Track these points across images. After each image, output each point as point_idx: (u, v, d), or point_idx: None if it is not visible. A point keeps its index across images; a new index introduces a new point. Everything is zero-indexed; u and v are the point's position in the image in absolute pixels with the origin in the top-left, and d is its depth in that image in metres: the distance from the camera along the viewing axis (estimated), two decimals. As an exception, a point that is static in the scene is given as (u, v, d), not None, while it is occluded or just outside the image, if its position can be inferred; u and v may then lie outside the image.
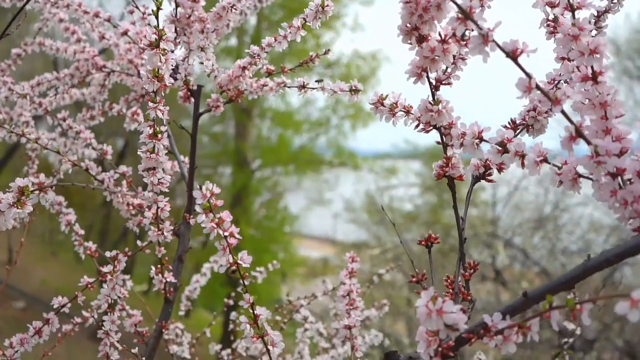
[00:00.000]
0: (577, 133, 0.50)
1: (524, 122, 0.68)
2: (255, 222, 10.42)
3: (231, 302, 1.43)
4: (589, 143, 0.50)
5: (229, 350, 1.36)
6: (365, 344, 1.21)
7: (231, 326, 1.35)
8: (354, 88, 0.81)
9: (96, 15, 1.06)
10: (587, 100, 0.54)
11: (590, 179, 0.52)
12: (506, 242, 5.47)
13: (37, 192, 0.64)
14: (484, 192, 7.90)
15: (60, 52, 1.20)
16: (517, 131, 0.67)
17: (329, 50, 0.98)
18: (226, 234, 0.60)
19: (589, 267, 0.49)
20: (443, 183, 0.64)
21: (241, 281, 0.63)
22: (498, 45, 0.49)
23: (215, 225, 0.60)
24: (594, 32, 0.72)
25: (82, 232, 1.08)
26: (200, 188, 0.59)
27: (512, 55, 0.49)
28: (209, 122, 11.09)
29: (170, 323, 1.32)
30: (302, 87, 0.92)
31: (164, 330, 0.96)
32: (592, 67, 0.52)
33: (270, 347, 0.63)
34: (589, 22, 0.70)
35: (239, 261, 0.61)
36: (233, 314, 1.28)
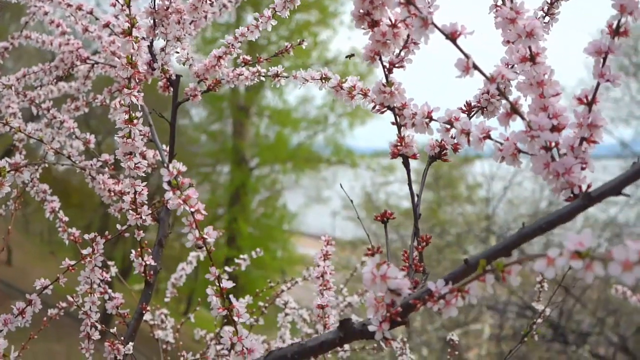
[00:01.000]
0: (513, 109, 0.54)
1: (478, 104, 0.71)
2: (254, 220, 10.46)
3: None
4: (523, 119, 0.53)
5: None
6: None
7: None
8: (324, 76, 0.84)
9: (79, 8, 1.09)
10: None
11: (528, 153, 0.56)
12: (499, 237, 5.50)
13: (12, 172, 0.67)
14: (481, 189, 7.95)
15: (45, 44, 1.23)
16: (472, 113, 0.71)
17: (303, 40, 1.02)
18: (193, 209, 0.63)
19: (523, 234, 0.52)
20: (442, 181, 0.67)
21: (209, 256, 0.66)
22: (437, 28, 0.52)
23: (182, 202, 0.63)
24: (547, 19, 0.75)
25: (66, 218, 1.11)
26: (168, 167, 0.62)
27: (452, 37, 0.53)
28: (207, 120, 11.13)
29: (156, 309, 1.36)
30: (276, 75, 0.95)
31: (144, 312, 0.99)
32: (529, 48, 0.56)
33: (235, 318, 0.66)
34: (542, 9, 0.74)
35: (204, 236, 0.65)
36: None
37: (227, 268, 1.36)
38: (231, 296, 0.67)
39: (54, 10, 1.25)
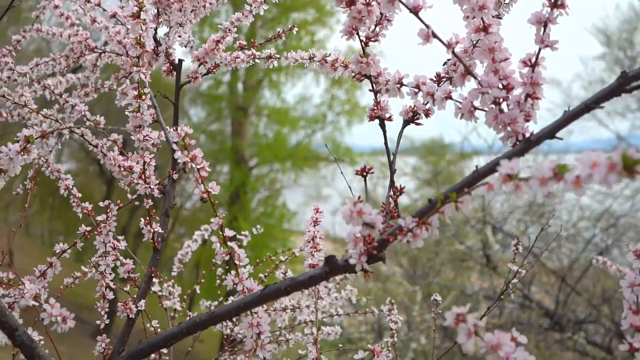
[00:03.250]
0: (467, 71, 0.64)
1: (447, 74, 0.81)
2: (254, 219, 10.54)
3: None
4: (475, 78, 0.63)
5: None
6: (333, 298, 1.35)
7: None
8: (311, 56, 0.94)
9: (88, 1, 1.19)
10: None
11: (483, 109, 0.66)
12: (494, 228, 5.60)
13: (40, 139, 0.77)
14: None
15: (56, 36, 1.33)
16: (441, 82, 0.81)
17: (294, 26, 1.11)
18: (199, 167, 0.73)
19: (477, 175, 0.62)
20: (440, 177, 0.76)
21: (212, 207, 0.76)
22: (402, 3, 0.62)
23: (189, 160, 0.73)
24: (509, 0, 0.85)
25: (79, 195, 1.21)
26: (176, 129, 0.72)
27: (414, 10, 0.63)
28: (205, 121, 11.21)
29: (164, 281, 1.46)
30: (269, 57, 1.05)
31: (153, 275, 1.09)
32: (482, 20, 0.66)
33: (237, 262, 0.76)
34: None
35: (209, 189, 0.74)
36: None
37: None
38: (233, 243, 0.77)
39: (63, 3, 1.35)
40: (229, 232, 0.76)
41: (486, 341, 0.51)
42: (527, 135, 0.62)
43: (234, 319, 1.50)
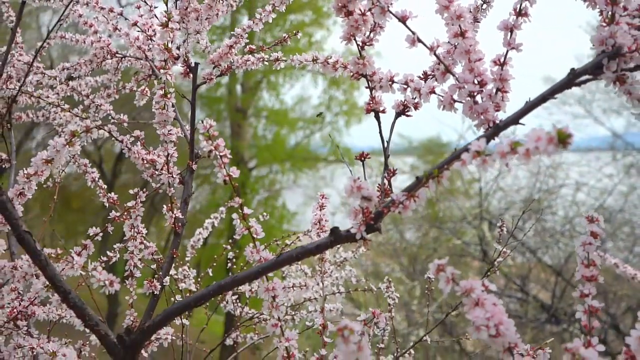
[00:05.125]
0: (446, 70, 0.76)
1: (432, 72, 0.94)
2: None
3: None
4: (454, 75, 0.76)
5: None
6: (334, 278, 1.48)
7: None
8: (314, 58, 1.07)
9: (111, 10, 1.32)
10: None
11: (460, 102, 0.79)
12: (491, 224, 5.74)
13: (84, 133, 0.90)
14: (478, 183, 8.19)
15: (79, 42, 1.46)
16: (428, 79, 0.93)
17: (298, 31, 1.24)
18: (221, 154, 0.86)
19: (454, 155, 0.74)
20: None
21: (232, 188, 0.89)
22: (392, 14, 0.75)
23: (213, 148, 0.86)
24: (485, 7, 0.98)
25: (105, 186, 1.34)
26: (202, 121, 0.85)
27: (402, 19, 0.76)
28: (204, 122, 11.32)
29: (179, 266, 1.59)
30: (277, 60, 1.18)
31: (174, 256, 1.22)
32: (460, 27, 0.78)
33: (254, 236, 0.89)
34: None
35: (230, 173, 0.87)
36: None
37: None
38: (252, 220, 0.90)
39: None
40: (247, 210, 0.89)
41: (461, 286, 0.64)
42: (497, 122, 0.74)
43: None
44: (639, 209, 7.64)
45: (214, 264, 1.71)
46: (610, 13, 0.68)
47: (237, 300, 1.64)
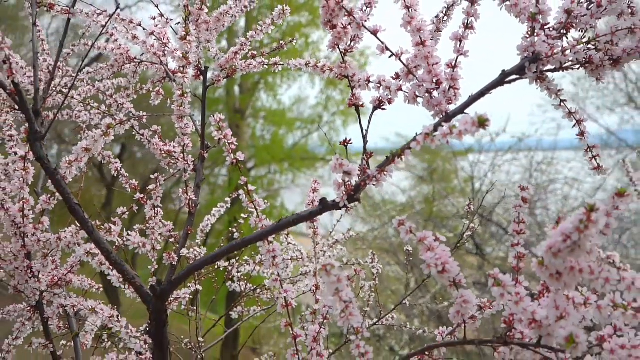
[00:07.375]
0: (409, 72, 0.97)
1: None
2: (253, 220, 10.78)
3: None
4: (415, 76, 0.97)
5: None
6: (327, 257, 1.68)
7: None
8: (307, 63, 1.27)
9: (131, 21, 1.52)
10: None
11: (421, 97, 0.99)
12: (482, 218, 5.95)
13: (118, 125, 1.10)
14: (475, 181, 8.40)
15: (101, 49, 1.66)
16: (399, 79, 1.14)
17: (293, 38, 1.45)
18: (229, 141, 1.07)
19: (412, 139, 0.95)
20: (436, 175, 1.09)
21: (239, 171, 1.09)
22: (365, 28, 0.96)
23: (222, 137, 1.06)
24: (446, 18, 1.18)
25: (126, 175, 1.54)
26: (213, 115, 1.05)
27: (374, 32, 0.96)
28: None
29: (191, 247, 1.79)
30: (275, 64, 1.39)
31: (189, 233, 1.42)
32: (420, 37, 0.99)
33: (257, 208, 1.09)
34: (442, 12, 1.17)
35: (237, 157, 1.08)
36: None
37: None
38: (256, 196, 1.10)
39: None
40: (252, 187, 1.10)
41: (418, 235, 0.84)
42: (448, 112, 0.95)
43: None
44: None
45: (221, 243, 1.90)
46: (531, 27, 0.89)
47: (242, 278, 1.84)
